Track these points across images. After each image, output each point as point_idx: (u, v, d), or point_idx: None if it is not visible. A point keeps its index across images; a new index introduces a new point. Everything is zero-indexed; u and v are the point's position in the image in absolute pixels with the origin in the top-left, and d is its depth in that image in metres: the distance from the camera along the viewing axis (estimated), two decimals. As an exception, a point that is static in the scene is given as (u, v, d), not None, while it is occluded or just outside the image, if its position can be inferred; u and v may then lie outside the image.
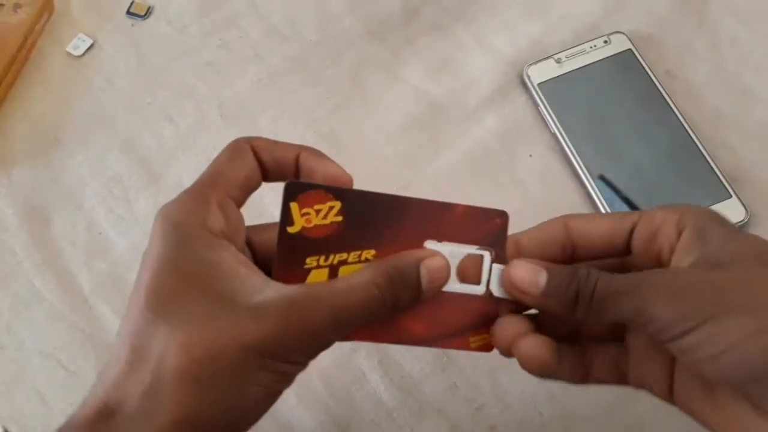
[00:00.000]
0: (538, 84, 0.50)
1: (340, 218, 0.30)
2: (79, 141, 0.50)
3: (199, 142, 0.50)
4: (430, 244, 0.30)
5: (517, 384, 0.43)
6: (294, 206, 0.29)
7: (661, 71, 0.51)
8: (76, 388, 0.43)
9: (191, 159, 0.50)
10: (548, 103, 0.49)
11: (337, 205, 0.30)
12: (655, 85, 0.50)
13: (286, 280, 0.28)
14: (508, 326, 0.30)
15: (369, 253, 0.30)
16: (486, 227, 0.31)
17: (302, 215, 0.29)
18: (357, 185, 0.33)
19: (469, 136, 0.50)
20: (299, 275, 0.29)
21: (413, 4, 0.55)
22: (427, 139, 0.50)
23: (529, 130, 0.50)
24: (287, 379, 0.28)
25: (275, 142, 0.32)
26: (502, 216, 0.31)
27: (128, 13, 0.55)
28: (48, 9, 0.54)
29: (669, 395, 0.30)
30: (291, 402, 0.42)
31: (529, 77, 0.51)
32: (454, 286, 0.30)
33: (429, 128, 0.50)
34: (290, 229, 0.29)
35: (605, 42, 0.51)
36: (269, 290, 0.27)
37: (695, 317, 0.25)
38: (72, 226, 0.47)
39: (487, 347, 0.31)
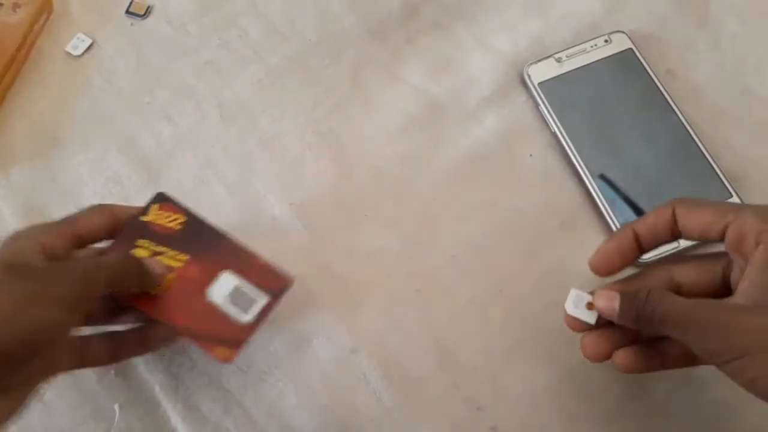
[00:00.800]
0: (539, 83, 0.50)
1: (179, 227, 0.41)
2: (79, 141, 0.50)
3: (198, 141, 0.50)
4: (226, 273, 0.40)
5: (517, 384, 0.43)
6: (155, 206, 0.41)
7: (662, 70, 0.51)
8: (75, 387, 0.43)
9: (191, 159, 0.50)
10: (548, 103, 0.49)
11: (183, 218, 0.41)
12: (656, 84, 0.50)
13: (117, 246, 0.40)
14: (596, 344, 0.37)
15: (183, 257, 0.40)
16: (273, 281, 0.40)
17: (156, 213, 0.41)
18: (357, 185, 0.35)
19: (469, 135, 0.50)
20: (128, 247, 0.40)
21: (413, 3, 0.55)
22: (427, 139, 0.50)
23: (529, 129, 0.50)
24: (51, 325, 0.32)
25: (126, 207, 0.41)
26: (289, 279, 0.40)
27: (127, 12, 0.55)
28: (47, 8, 0.54)
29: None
30: (291, 402, 0.42)
31: (529, 76, 0.50)
32: (227, 306, 0.39)
33: (429, 128, 0.50)
34: (143, 218, 0.41)
35: (606, 41, 0.51)
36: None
37: (734, 352, 0.30)
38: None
39: (225, 359, 0.38)
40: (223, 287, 0.40)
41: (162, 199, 0.41)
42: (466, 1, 0.55)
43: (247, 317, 0.39)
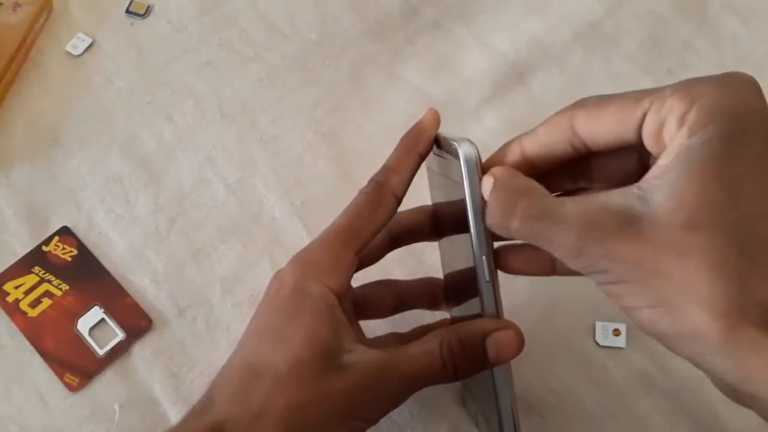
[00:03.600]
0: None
1: (69, 259, 0.46)
2: (79, 140, 0.50)
3: (198, 141, 0.50)
4: (96, 307, 0.44)
5: (517, 385, 0.42)
6: (56, 238, 0.46)
7: (662, 70, 0.51)
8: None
9: (191, 158, 0.50)
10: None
11: (75, 252, 0.46)
12: None
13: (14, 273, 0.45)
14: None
15: (64, 286, 0.45)
16: (135, 321, 0.44)
17: (56, 244, 0.46)
18: (357, 185, 0.35)
19: (469, 135, 0.49)
20: (25, 272, 0.45)
21: (413, 3, 0.55)
22: (427, 139, 0.50)
23: (529, 129, 0.50)
24: None
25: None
26: (149, 322, 0.44)
27: (127, 12, 0.55)
28: (47, 8, 0.54)
29: None
30: (291, 402, 0.42)
31: None
32: (89, 338, 0.43)
33: (429, 128, 0.50)
34: (44, 248, 0.46)
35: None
36: (355, 353, 0.31)
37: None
38: (71, 226, 0.47)
39: (71, 388, 0.42)
40: (90, 320, 0.44)
41: (64, 232, 0.46)
42: (466, 1, 0.55)
43: (100, 352, 0.43)
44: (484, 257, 0.31)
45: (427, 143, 0.33)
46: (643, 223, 0.24)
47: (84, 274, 0.46)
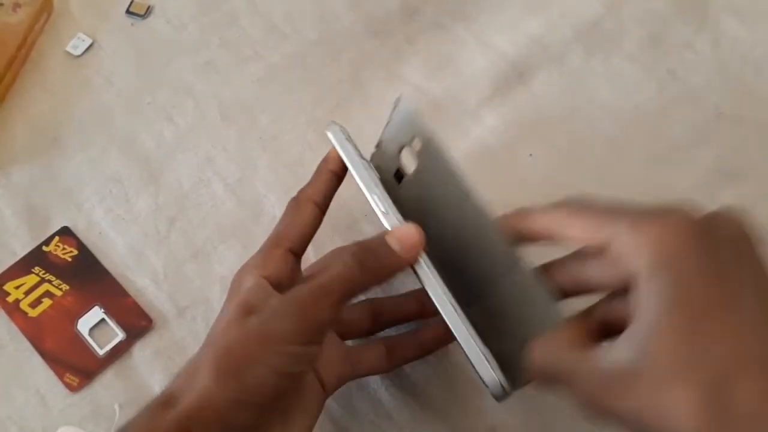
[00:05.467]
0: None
1: (69, 259, 0.46)
2: (79, 141, 0.50)
3: (198, 141, 0.50)
4: (96, 307, 0.44)
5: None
6: (56, 238, 0.46)
7: (662, 70, 0.51)
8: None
9: (191, 158, 0.50)
10: None
11: (75, 251, 0.46)
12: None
13: (14, 273, 0.45)
14: None
15: (64, 286, 0.45)
16: (136, 321, 0.44)
17: (56, 245, 0.46)
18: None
19: (469, 135, 0.50)
20: (25, 272, 0.45)
21: (413, 2, 0.55)
22: (428, 139, 0.50)
23: (529, 129, 0.50)
24: (297, 360, 0.32)
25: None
26: (150, 322, 0.44)
27: (127, 12, 0.55)
28: (47, 8, 0.54)
29: None
30: (291, 402, 0.42)
31: None
32: (89, 338, 0.43)
33: (429, 127, 0.50)
34: (44, 248, 0.46)
35: None
36: (277, 297, 0.34)
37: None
38: (71, 226, 0.47)
39: (71, 388, 0.42)
40: (90, 320, 0.44)
41: (64, 232, 0.47)
42: (466, 0, 0.55)
43: (101, 352, 0.43)
44: (375, 195, 0.36)
45: (333, 157, 0.40)
46: (631, 380, 0.27)
47: (84, 274, 0.46)
